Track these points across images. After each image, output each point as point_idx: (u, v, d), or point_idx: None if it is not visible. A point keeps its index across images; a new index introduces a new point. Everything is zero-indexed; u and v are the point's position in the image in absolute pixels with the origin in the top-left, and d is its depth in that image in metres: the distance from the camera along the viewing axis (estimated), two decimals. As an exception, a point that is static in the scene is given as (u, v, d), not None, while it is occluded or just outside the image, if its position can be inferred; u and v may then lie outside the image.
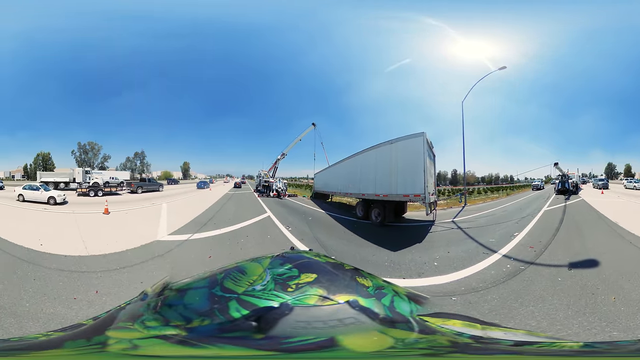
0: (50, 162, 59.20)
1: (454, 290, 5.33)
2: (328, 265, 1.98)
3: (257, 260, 2.10)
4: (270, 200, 24.51)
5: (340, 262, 2.14)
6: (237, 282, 1.73)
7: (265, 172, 33.76)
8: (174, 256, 7.52)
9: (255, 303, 1.49)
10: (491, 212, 17.30)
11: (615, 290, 4.94)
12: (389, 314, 1.51)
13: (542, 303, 4.57)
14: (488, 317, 4.18)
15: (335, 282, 1.77)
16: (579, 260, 6.74)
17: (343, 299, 1.55)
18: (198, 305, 1.62)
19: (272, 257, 2.14)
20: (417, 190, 10.96)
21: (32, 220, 12.18)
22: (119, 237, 9.00)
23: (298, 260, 2.01)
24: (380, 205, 13.01)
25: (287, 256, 2.17)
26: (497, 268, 6.46)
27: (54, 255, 7.02)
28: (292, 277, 1.73)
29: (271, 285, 1.63)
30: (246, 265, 1.98)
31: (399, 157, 12.00)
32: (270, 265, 1.93)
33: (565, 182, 29.39)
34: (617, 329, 3.72)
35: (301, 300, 1.50)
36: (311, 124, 35.03)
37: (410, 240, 9.30)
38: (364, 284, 1.78)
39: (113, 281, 5.62)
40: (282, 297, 1.51)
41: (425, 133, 11.05)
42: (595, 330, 3.72)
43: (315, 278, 1.72)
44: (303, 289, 1.60)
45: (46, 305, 4.52)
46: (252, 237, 9.88)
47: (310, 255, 2.24)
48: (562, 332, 3.70)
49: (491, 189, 47.73)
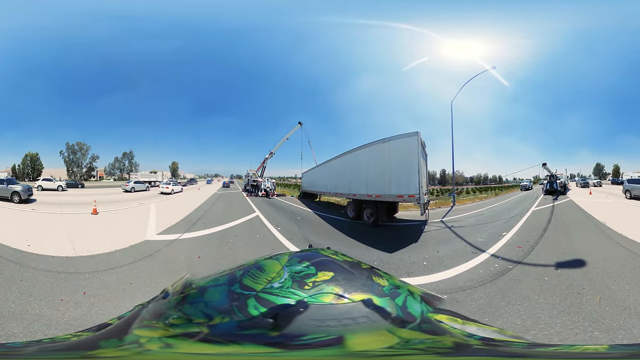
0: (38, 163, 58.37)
1: (445, 288, 5.37)
2: (345, 264, 2.00)
3: (276, 257, 2.12)
4: (258, 199, 24.49)
5: (357, 261, 2.15)
6: (256, 279, 1.75)
7: (253, 172, 33.63)
8: (163, 256, 7.46)
9: (272, 300, 1.50)
10: (479, 212, 17.47)
11: (601, 290, 5.00)
12: (401, 314, 1.52)
13: (528, 302, 4.62)
14: (476, 315, 4.20)
15: (352, 280, 1.79)
16: (566, 260, 6.83)
17: (358, 297, 1.57)
18: (218, 303, 1.63)
19: (290, 254, 2.17)
20: (411, 190, 10.81)
21: (19, 220, 11.95)
22: (107, 238, 8.89)
23: (315, 258, 2.03)
24: (372, 205, 12.80)
25: (304, 254, 2.19)
26: (485, 267, 6.53)
27: (42, 256, 6.90)
28: (310, 274, 1.75)
29: (289, 283, 1.65)
30: (264, 263, 2.01)
31: (392, 157, 11.76)
32: (288, 262, 1.95)
33: (554, 182, 29.88)
34: (599, 329, 3.78)
35: (317, 298, 1.52)
36: (297, 122, 34.79)
37: (405, 240, 9.33)
38: (380, 283, 1.80)
39: (101, 282, 5.53)
40: (299, 294, 1.53)
41: (419, 132, 10.91)
42: (577, 330, 3.78)
43: (332, 276, 1.74)
44: (320, 287, 1.62)
45: (32, 307, 4.44)
46: (241, 236, 9.83)
47: (327, 253, 2.24)
48: (545, 331, 3.76)
49: (480, 189, 48.19)
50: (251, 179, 32.27)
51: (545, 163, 29.91)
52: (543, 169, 31.09)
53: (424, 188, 11.36)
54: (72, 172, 57.61)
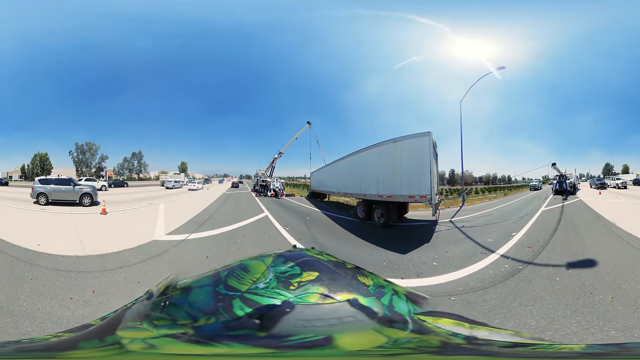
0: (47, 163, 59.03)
1: (453, 290, 5.32)
2: (330, 264, 1.98)
3: (260, 258, 2.10)
4: (267, 199, 24.48)
5: (341, 261, 2.14)
6: (241, 280, 1.73)
7: (262, 172, 33.60)
8: (171, 256, 7.50)
9: (258, 301, 1.49)
10: (489, 212, 17.31)
11: (613, 290, 4.95)
12: (388, 313, 1.51)
13: (540, 303, 4.56)
14: (488, 316, 4.19)
15: (337, 280, 1.77)
16: (577, 260, 6.75)
17: (344, 297, 1.55)
18: (203, 304, 1.61)
19: (274, 255, 2.14)
20: (423, 191, 10.71)
21: (30, 220, 12.11)
22: (116, 237, 8.97)
23: (300, 259, 2.01)
24: (383, 206, 12.62)
25: (289, 254, 2.17)
26: (495, 268, 6.46)
27: (51, 255, 6.98)
28: (294, 275, 1.73)
29: (274, 283, 1.63)
30: (249, 263, 1.99)
31: (404, 157, 11.61)
32: (273, 263, 1.93)
33: (563, 182, 29.51)
34: (614, 328, 3.73)
35: (303, 299, 1.50)
36: (306, 122, 34.67)
37: (415, 241, 9.26)
38: (365, 283, 1.78)
39: (110, 281, 5.59)
40: (285, 295, 1.51)
41: (431, 132, 10.80)
42: (593, 329, 3.73)
43: (317, 276, 1.72)
44: (305, 287, 1.60)
45: (43, 305, 4.49)
46: (250, 237, 9.85)
47: (312, 253, 2.23)
48: (561, 331, 3.70)
49: (489, 189, 47.77)
50: (260, 179, 32.26)
51: (554, 163, 29.58)
52: (552, 168, 30.74)
53: (435, 188, 11.22)
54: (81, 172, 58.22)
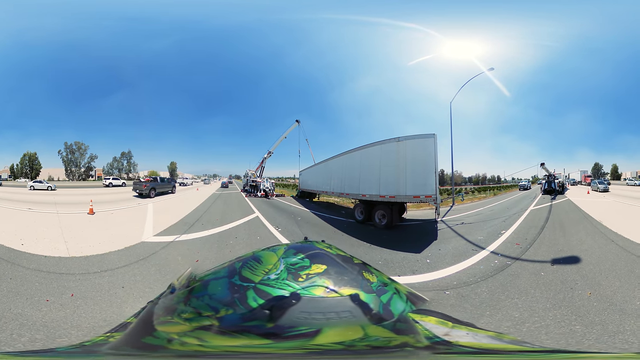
0: (36, 162, 58.12)
1: (448, 284, 5.45)
2: (338, 258, 1.98)
3: (272, 249, 2.13)
4: (258, 200, 24.35)
5: (349, 255, 2.13)
6: (254, 271, 1.76)
7: (252, 172, 33.44)
8: (159, 259, 7.27)
9: (269, 292, 1.53)
10: (478, 211, 17.51)
11: (592, 286, 5.08)
12: (381, 311, 1.53)
13: (525, 296, 4.72)
14: (479, 308, 4.33)
15: (343, 275, 1.78)
16: (562, 256, 6.90)
17: (347, 292, 1.58)
18: (221, 295, 1.64)
19: (286, 246, 2.17)
20: (428, 191, 10.70)
21: (15, 219, 11.83)
22: (102, 239, 8.79)
23: (310, 251, 2.03)
24: (385, 206, 12.31)
25: (300, 245, 2.19)
26: (485, 263, 6.63)
27: (34, 255, 6.83)
28: (304, 267, 1.76)
29: (284, 275, 1.66)
30: (262, 254, 2.02)
31: (408, 157, 11.44)
32: (284, 254, 1.95)
33: (552, 182, 29.96)
34: (580, 324, 3.80)
35: (309, 291, 1.53)
36: (295, 121, 34.39)
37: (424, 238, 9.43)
38: (369, 279, 1.79)
39: (92, 285, 5.37)
40: (293, 286, 1.55)
41: (435, 135, 10.81)
42: (563, 323, 3.82)
43: (325, 269, 1.74)
44: (312, 279, 1.63)
45: (15, 305, 4.36)
46: (241, 238, 9.67)
47: (321, 246, 2.23)
48: (537, 324, 3.81)
49: (478, 189, 48.17)
50: (250, 179, 32.12)
51: (543, 163, 30.11)
52: (541, 168, 31.20)
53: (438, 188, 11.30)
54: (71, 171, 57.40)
